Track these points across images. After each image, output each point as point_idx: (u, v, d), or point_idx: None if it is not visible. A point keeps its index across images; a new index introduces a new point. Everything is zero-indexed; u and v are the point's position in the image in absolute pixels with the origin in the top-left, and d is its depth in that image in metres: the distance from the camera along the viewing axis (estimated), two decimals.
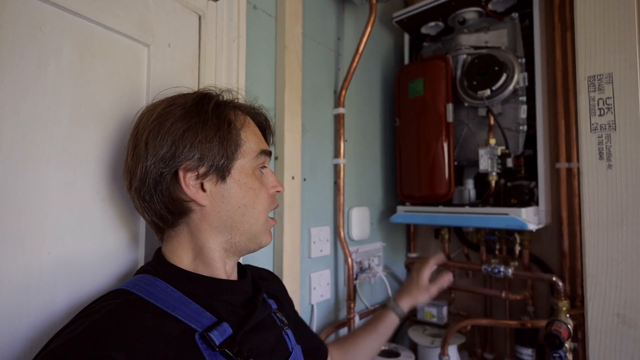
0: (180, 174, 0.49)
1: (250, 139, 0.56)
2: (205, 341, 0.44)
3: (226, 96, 0.58)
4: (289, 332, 0.61)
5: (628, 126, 0.49)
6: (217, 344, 0.44)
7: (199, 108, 0.52)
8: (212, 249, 0.53)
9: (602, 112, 0.51)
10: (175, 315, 0.45)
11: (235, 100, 0.59)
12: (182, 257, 0.53)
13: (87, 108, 0.57)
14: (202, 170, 0.50)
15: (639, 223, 0.49)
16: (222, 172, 0.52)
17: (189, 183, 0.50)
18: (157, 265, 0.53)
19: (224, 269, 0.54)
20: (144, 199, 0.50)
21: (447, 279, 0.90)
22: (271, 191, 0.58)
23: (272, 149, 0.63)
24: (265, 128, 0.63)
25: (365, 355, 0.80)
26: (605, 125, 0.51)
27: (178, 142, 0.49)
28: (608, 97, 0.51)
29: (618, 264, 0.50)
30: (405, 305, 0.86)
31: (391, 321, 0.84)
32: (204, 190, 0.51)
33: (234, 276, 0.57)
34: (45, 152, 0.52)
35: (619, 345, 0.49)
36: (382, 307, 0.92)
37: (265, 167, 0.59)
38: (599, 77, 0.52)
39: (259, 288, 0.60)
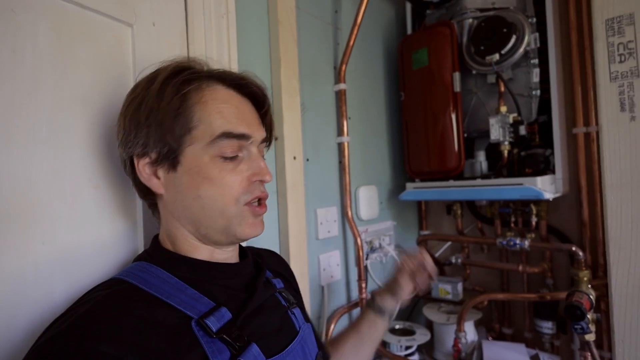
0: (135, 160, 0.48)
1: (208, 119, 0.47)
2: (202, 328, 0.42)
3: (196, 66, 0.50)
4: (296, 311, 0.58)
5: None
6: (215, 330, 0.42)
7: (148, 85, 0.47)
8: (185, 237, 0.50)
9: (622, 58, 0.46)
10: (170, 302, 0.43)
11: (213, 70, 0.50)
12: (166, 242, 0.51)
13: (70, 93, 0.54)
14: (153, 156, 0.47)
15: None
16: (171, 160, 0.47)
17: (141, 170, 0.48)
18: (153, 251, 0.51)
19: (211, 256, 0.51)
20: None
21: (426, 282, 0.74)
22: (253, 179, 0.49)
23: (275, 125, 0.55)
24: (261, 99, 0.53)
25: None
26: (627, 72, 0.45)
27: (127, 127, 0.47)
28: (629, 41, 0.45)
29: None
30: (385, 302, 0.73)
31: (371, 320, 0.72)
32: (158, 177, 0.49)
33: (233, 260, 0.55)
34: (29, 140, 0.50)
35: None
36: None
37: (238, 155, 0.49)
38: (618, 19, 0.46)
39: (261, 269, 0.57)
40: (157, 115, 0.45)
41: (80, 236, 0.54)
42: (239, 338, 0.43)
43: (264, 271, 0.57)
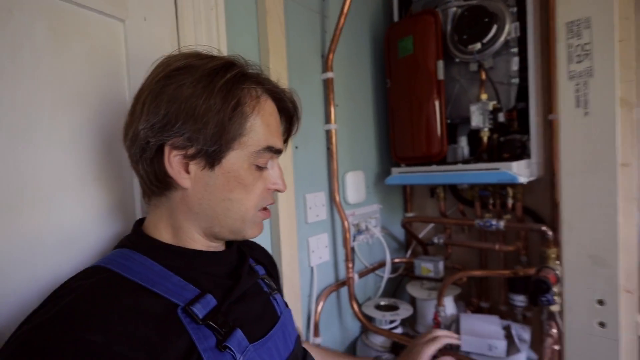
0: (166, 149, 0.45)
1: (258, 129, 0.48)
2: (188, 315, 0.42)
3: (251, 70, 0.50)
4: (278, 297, 0.60)
5: (604, 71, 0.49)
6: (201, 317, 0.43)
7: (210, 79, 0.45)
8: (191, 231, 0.50)
9: (580, 59, 0.51)
10: (155, 290, 0.43)
11: (261, 75, 0.51)
12: (162, 232, 0.50)
13: (68, 89, 0.57)
14: (190, 151, 0.45)
15: (613, 168, 0.50)
16: (211, 159, 0.46)
17: (172, 161, 0.46)
18: (136, 238, 0.50)
19: (206, 248, 0.52)
20: (132, 159, 0.49)
21: None
22: (270, 187, 0.53)
23: (293, 139, 0.58)
24: (291, 115, 0.56)
25: None
26: (583, 72, 0.51)
27: (172, 115, 0.44)
28: (586, 43, 0.50)
29: (592, 209, 0.51)
30: None
31: None
32: (187, 172, 0.47)
33: (219, 248, 0.56)
34: (31, 136, 0.53)
35: (591, 284, 0.53)
36: None
37: (265, 167, 0.52)
38: (577, 22, 0.51)
39: (245, 257, 0.58)
40: (219, 116, 0.45)
41: (80, 226, 0.58)
42: (224, 324, 0.44)
43: (247, 258, 0.58)
